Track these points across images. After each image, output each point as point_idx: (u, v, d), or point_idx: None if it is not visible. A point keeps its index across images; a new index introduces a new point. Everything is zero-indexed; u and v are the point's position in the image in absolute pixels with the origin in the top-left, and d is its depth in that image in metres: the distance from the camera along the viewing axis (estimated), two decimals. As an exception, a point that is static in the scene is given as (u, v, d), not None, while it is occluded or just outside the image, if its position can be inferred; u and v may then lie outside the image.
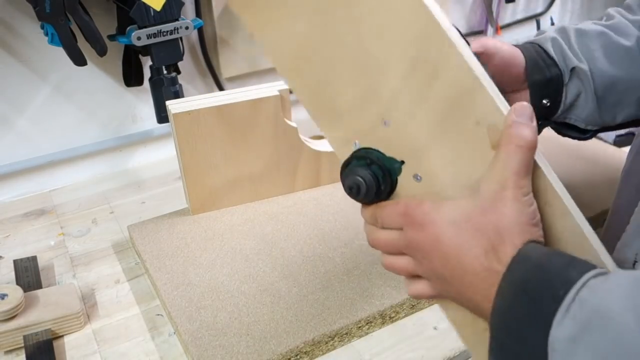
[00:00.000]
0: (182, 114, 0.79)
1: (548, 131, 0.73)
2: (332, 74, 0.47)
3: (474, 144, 0.44)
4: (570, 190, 0.52)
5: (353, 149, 0.49)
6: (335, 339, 0.66)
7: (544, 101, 0.68)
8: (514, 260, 0.41)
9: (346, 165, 0.49)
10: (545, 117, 0.70)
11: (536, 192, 0.44)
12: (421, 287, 0.50)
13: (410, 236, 0.47)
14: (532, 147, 0.43)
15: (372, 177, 0.48)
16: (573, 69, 0.68)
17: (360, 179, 0.48)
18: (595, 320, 0.37)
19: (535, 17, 1.43)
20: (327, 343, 0.66)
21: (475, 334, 0.49)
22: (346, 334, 0.66)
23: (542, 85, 0.67)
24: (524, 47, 0.69)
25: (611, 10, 0.77)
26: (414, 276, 0.50)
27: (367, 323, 0.68)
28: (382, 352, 0.66)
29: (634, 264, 0.54)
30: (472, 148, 0.44)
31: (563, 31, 0.71)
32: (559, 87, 0.68)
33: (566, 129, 0.73)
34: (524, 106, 0.43)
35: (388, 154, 0.48)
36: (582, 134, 0.73)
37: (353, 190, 0.48)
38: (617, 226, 0.60)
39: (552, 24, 1.39)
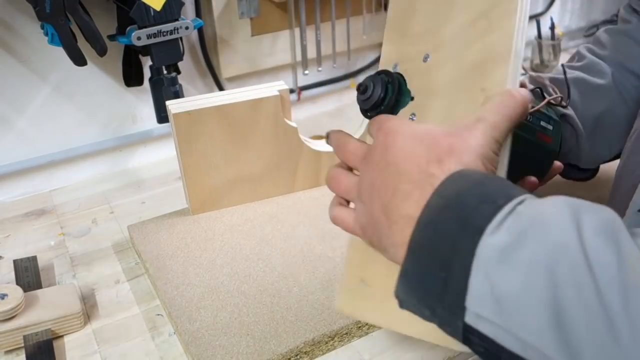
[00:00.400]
0: (182, 114, 0.79)
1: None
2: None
3: (471, 107, 0.45)
4: (570, 190, 0.54)
5: (391, 68, 0.54)
6: (335, 339, 0.66)
7: None
8: (451, 176, 0.39)
9: (376, 74, 0.53)
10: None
11: None
12: (345, 213, 0.48)
13: (371, 145, 0.46)
14: (524, 104, 0.43)
15: (381, 90, 0.51)
16: (562, 116, 0.71)
17: (372, 84, 0.52)
18: (531, 230, 0.34)
19: (535, 17, 1.43)
20: (327, 343, 0.66)
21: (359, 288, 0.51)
22: (346, 334, 0.66)
23: None
24: None
25: (582, 50, 0.80)
26: (345, 202, 0.49)
27: (367, 323, 0.68)
28: (382, 352, 0.66)
29: None
30: (467, 110, 0.46)
31: (539, 82, 0.74)
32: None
33: (568, 170, 0.75)
34: (524, 89, 0.44)
35: (408, 86, 0.52)
36: (583, 172, 0.77)
37: (360, 88, 0.52)
38: None
39: (552, 24, 1.38)
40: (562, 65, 0.77)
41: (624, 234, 0.33)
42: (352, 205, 0.49)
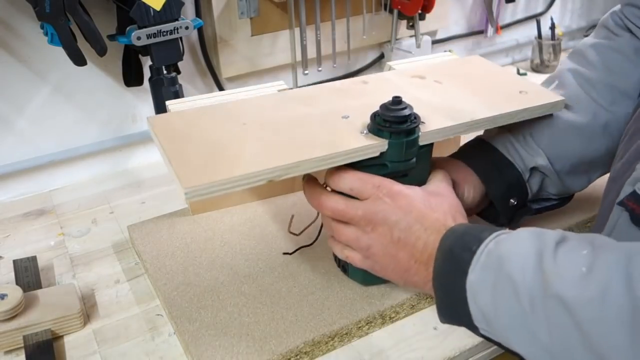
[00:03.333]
0: (182, 114, 0.79)
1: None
2: None
3: None
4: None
5: None
6: (335, 339, 0.66)
7: (511, 201, 0.70)
8: (445, 234, 0.55)
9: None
10: (517, 209, 0.72)
11: None
12: (354, 255, 0.62)
13: (375, 206, 0.58)
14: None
15: (414, 114, 0.61)
16: (532, 168, 0.70)
17: (407, 104, 0.61)
18: (495, 266, 0.49)
19: (535, 17, 1.43)
20: (327, 343, 0.66)
21: None
22: (346, 334, 0.66)
23: (504, 193, 0.70)
24: (476, 164, 0.71)
25: (565, 74, 0.74)
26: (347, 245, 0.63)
27: (367, 323, 0.68)
28: (382, 352, 0.66)
29: None
30: None
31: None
32: (521, 185, 0.70)
33: (541, 204, 0.74)
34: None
35: None
36: (560, 201, 0.75)
37: (396, 99, 0.60)
38: (599, 230, 0.61)
39: (552, 24, 1.38)
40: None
41: (548, 254, 0.47)
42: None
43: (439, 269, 0.54)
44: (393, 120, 0.59)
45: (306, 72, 1.13)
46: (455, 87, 0.71)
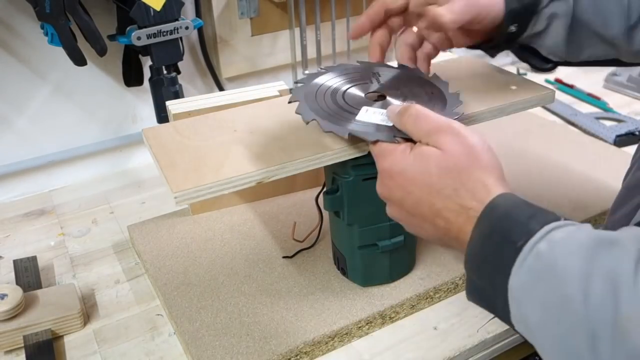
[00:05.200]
0: (182, 114, 0.79)
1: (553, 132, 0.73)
2: None
3: None
4: (570, 190, 0.53)
5: None
6: (335, 339, 0.66)
7: (512, 27, 0.65)
8: (484, 210, 0.46)
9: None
10: (506, 42, 0.67)
11: None
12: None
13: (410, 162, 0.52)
14: None
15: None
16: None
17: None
18: (547, 275, 0.40)
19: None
20: (327, 343, 0.66)
21: None
22: (346, 334, 0.66)
23: (515, 12, 0.64)
24: None
25: None
26: None
27: (367, 323, 0.68)
28: (382, 352, 0.66)
29: None
30: None
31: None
32: (532, 13, 0.65)
33: (528, 55, 0.70)
34: None
35: None
36: (544, 62, 0.71)
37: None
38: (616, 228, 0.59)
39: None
40: None
41: (626, 284, 0.36)
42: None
43: (474, 252, 0.45)
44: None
45: (306, 72, 1.13)
46: None
